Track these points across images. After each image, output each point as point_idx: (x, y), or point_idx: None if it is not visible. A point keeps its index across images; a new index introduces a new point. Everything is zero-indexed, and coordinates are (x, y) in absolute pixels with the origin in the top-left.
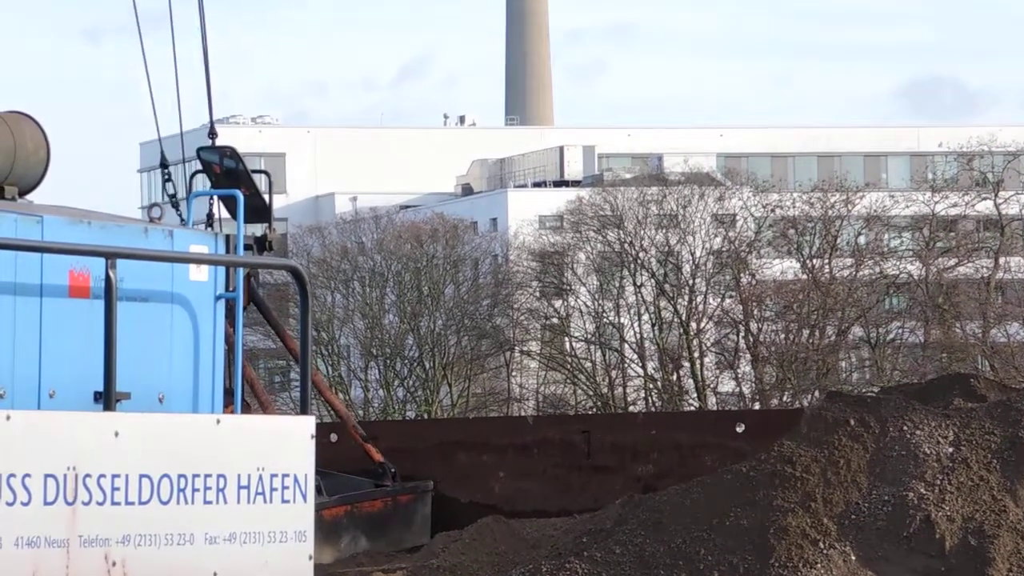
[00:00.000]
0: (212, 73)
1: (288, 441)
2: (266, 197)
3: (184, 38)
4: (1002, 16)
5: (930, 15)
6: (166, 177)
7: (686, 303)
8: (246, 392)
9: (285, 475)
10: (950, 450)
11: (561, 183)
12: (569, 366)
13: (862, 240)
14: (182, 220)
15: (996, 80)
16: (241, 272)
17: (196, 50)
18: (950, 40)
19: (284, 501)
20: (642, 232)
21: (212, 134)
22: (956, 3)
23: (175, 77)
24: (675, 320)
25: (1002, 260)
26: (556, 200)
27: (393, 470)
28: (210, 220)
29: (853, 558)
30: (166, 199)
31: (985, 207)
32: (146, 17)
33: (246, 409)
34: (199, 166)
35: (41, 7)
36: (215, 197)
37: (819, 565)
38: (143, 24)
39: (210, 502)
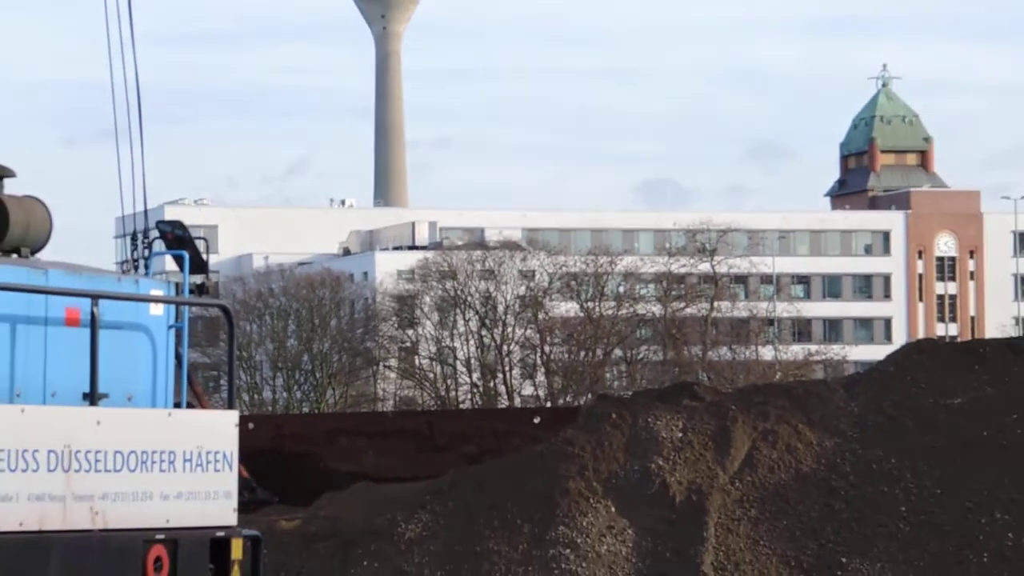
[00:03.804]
0: (158, 167)
1: (218, 428)
2: (204, 256)
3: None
4: (704, 130)
5: (656, 131)
6: (134, 247)
7: (500, 332)
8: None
9: (216, 452)
10: (680, 435)
11: (413, 247)
12: (417, 376)
13: (621, 289)
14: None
15: (701, 179)
16: (187, 308)
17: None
18: (670, 149)
19: (216, 470)
20: (469, 282)
21: (145, 226)
22: (675, 120)
23: (134, 174)
24: (492, 344)
25: (716, 304)
26: (409, 259)
27: (253, 485)
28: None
29: (613, 509)
30: (135, 258)
31: (705, 267)
32: (107, 128)
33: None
34: (158, 234)
35: (26, 121)
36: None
37: (589, 515)
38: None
39: (164, 471)
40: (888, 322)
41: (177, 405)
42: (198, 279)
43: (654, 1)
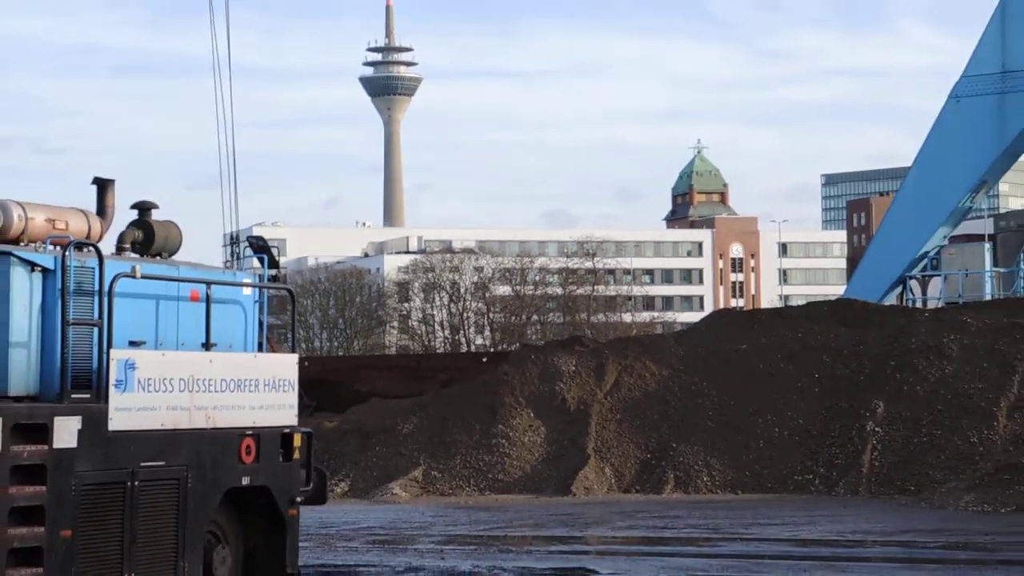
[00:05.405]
0: (252, 202)
1: (285, 365)
2: (277, 258)
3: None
4: (589, 179)
5: (557, 180)
6: (236, 252)
7: (461, 305)
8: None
9: (284, 379)
10: (573, 368)
11: (407, 252)
12: (410, 332)
13: (537, 278)
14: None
15: (586, 209)
16: (266, 291)
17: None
18: (567, 191)
19: (284, 391)
20: (443, 274)
21: (235, 237)
22: (570, 173)
23: (235, 215)
24: (457, 312)
25: (595, 287)
26: (405, 260)
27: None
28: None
29: (532, 415)
30: (233, 259)
31: (588, 264)
32: (211, 176)
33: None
34: (247, 244)
35: (164, 174)
36: (252, 258)
37: (517, 419)
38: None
39: (251, 391)
40: (702, 298)
41: (259, 350)
42: (273, 272)
43: (558, 96)
